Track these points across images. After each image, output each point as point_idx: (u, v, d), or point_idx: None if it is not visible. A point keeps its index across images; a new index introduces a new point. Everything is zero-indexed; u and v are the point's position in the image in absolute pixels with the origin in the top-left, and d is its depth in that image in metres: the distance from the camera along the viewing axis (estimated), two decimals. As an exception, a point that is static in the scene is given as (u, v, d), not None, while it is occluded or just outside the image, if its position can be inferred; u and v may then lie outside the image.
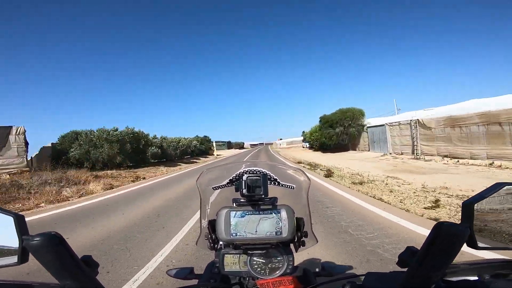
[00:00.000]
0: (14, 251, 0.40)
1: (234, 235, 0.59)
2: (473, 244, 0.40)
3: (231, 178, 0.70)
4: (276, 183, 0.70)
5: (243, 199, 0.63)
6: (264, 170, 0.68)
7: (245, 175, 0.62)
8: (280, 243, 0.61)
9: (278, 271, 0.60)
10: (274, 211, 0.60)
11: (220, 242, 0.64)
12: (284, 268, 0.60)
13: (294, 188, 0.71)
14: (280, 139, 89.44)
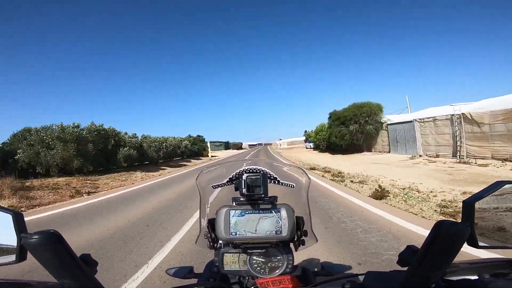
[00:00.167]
0: (12, 250, 0.40)
1: (233, 234, 0.59)
2: (474, 243, 0.40)
3: (230, 176, 0.70)
4: (276, 182, 0.70)
5: (242, 198, 0.63)
6: (264, 169, 0.68)
7: (245, 174, 0.62)
8: (280, 242, 0.61)
9: (277, 270, 0.60)
10: (274, 210, 0.60)
11: (220, 241, 0.65)
12: (284, 267, 0.60)
13: (294, 186, 0.71)
14: (280, 139, 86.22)
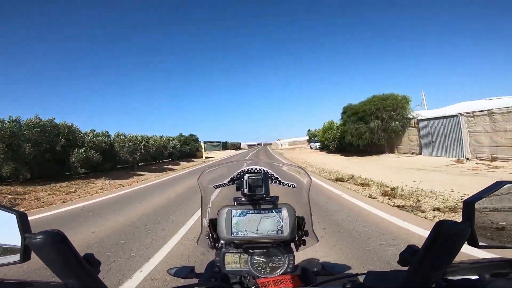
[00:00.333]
0: (16, 249, 0.40)
1: (235, 234, 0.59)
2: (474, 243, 0.40)
3: (232, 177, 0.70)
4: (277, 182, 0.70)
5: (244, 198, 0.63)
6: (265, 169, 0.68)
7: (247, 174, 0.62)
8: (281, 242, 0.61)
9: (278, 270, 0.60)
10: (275, 210, 0.61)
11: (221, 241, 0.65)
12: (285, 267, 0.60)
13: (295, 186, 0.71)
14: (279, 139, 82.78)
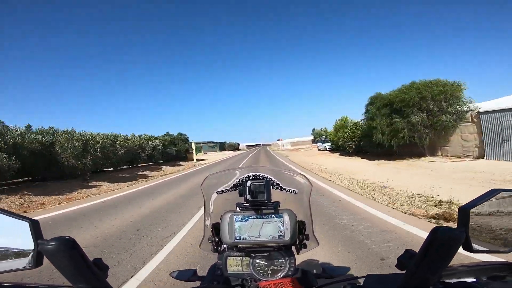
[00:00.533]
0: (29, 255, 0.41)
1: (238, 238, 0.61)
2: (469, 248, 0.41)
3: (235, 183, 0.71)
4: (279, 188, 0.71)
5: (246, 204, 0.64)
6: (267, 175, 0.69)
7: (249, 181, 0.64)
8: (282, 245, 0.62)
9: (280, 273, 0.61)
10: (276, 215, 0.62)
11: (223, 245, 0.67)
12: (286, 270, 0.61)
13: (296, 192, 0.72)
14: (279, 139, 78.77)
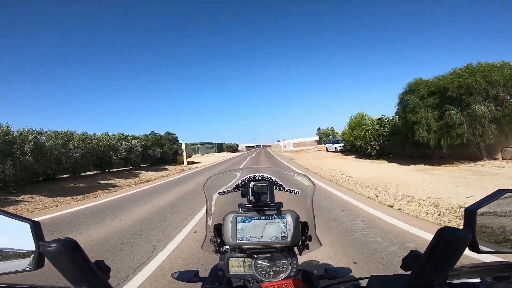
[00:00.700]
0: (30, 256, 0.40)
1: (240, 239, 0.60)
2: (475, 248, 0.41)
3: (237, 184, 0.70)
4: (281, 189, 0.70)
5: (249, 205, 0.64)
6: (269, 176, 0.69)
7: (252, 182, 0.63)
8: (285, 246, 0.62)
9: (282, 274, 0.61)
10: (279, 216, 0.62)
11: (225, 246, 0.66)
12: (288, 271, 0.61)
13: (299, 193, 0.72)
14: (279, 140, 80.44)
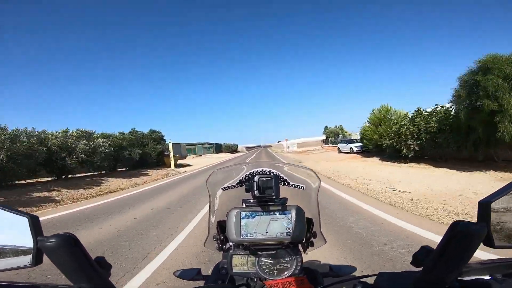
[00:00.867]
0: (28, 253, 0.39)
1: (244, 236, 0.59)
2: (490, 243, 0.39)
3: (241, 179, 0.69)
4: (286, 184, 0.69)
5: (253, 200, 0.62)
6: (274, 171, 0.68)
7: (257, 176, 0.62)
8: (289, 243, 0.61)
9: (286, 272, 0.60)
10: (284, 211, 0.61)
11: (229, 243, 0.65)
12: (293, 269, 0.60)
13: (304, 188, 0.71)
14: (279, 141, 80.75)
